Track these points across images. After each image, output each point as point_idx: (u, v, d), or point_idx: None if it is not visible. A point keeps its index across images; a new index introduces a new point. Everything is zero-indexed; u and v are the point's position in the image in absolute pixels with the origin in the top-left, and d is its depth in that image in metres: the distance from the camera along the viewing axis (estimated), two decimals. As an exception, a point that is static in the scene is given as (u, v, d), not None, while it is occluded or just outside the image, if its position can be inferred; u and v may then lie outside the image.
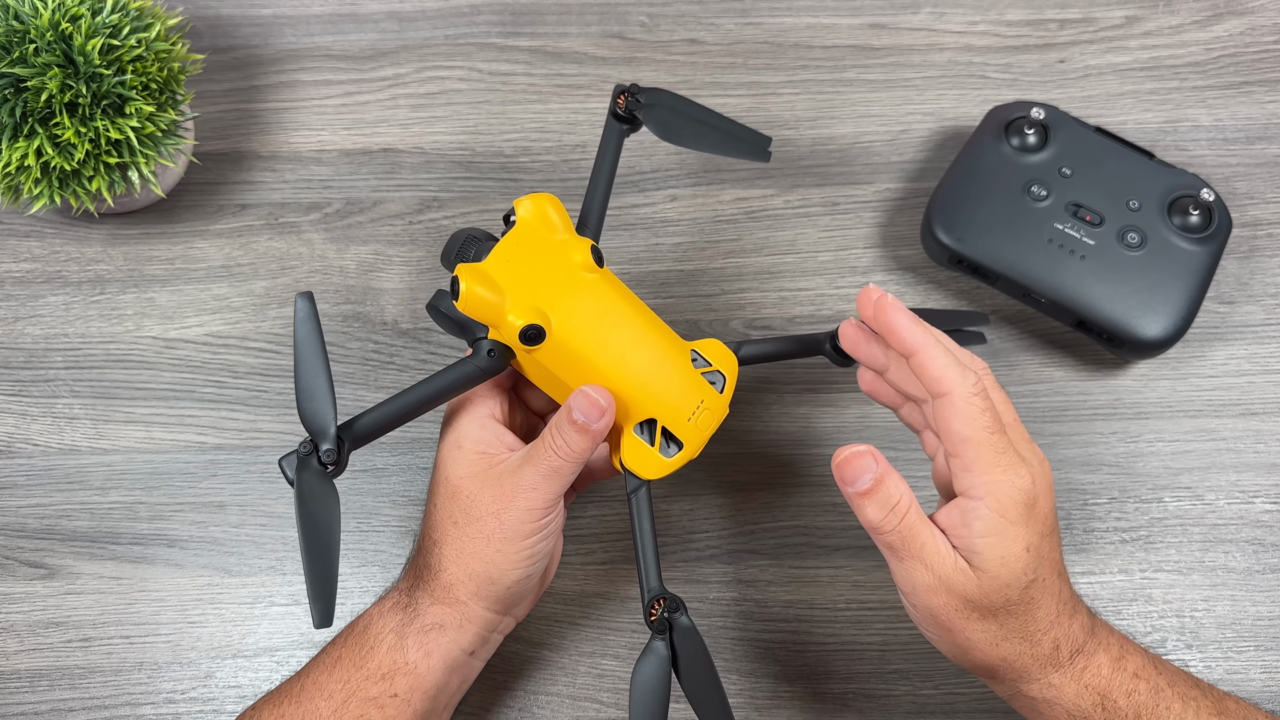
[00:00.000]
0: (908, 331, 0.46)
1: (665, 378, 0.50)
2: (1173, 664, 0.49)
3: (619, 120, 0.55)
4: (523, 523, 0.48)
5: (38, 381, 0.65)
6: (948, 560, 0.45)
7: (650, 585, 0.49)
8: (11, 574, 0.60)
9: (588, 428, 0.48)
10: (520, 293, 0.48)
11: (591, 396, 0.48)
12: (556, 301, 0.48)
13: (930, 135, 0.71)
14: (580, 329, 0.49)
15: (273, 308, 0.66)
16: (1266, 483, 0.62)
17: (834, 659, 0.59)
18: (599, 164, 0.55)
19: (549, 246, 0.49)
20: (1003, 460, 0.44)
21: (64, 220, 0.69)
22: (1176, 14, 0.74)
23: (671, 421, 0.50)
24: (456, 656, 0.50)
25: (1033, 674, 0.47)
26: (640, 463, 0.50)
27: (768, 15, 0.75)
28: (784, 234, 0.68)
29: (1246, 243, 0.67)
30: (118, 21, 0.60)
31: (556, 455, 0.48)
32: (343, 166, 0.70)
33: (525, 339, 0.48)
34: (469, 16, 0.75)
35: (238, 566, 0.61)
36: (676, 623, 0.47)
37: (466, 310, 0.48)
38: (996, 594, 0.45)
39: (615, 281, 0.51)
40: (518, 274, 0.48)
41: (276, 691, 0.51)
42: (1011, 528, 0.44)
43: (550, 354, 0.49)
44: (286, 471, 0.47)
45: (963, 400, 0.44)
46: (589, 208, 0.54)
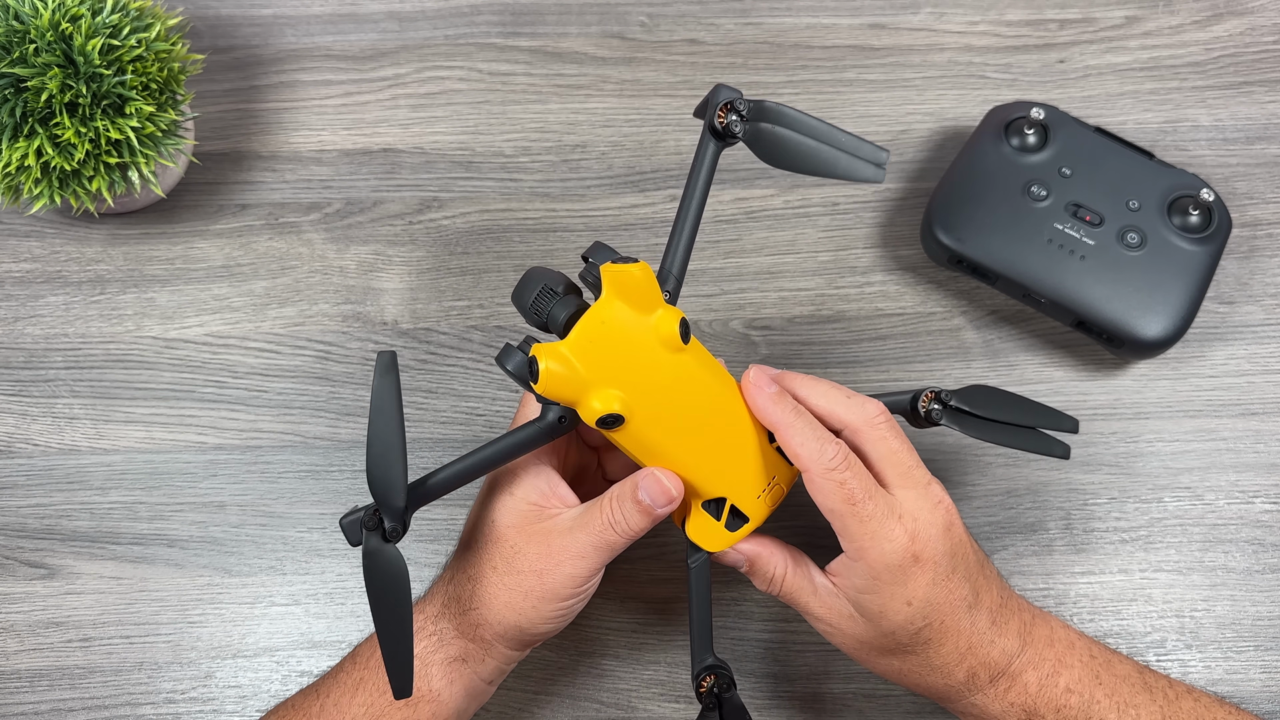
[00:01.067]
0: (766, 411, 0.48)
1: (741, 461, 0.49)
2: (1131, 667, 0.49)
3: (716, 136, 0.49)
4: (564, 586, 0.48)
5: (38, 381, 0.65)
6: (837, 609, 0.49)
7: (702, 656, 0.49)
8: (11, 574, 0.60)
9: (652, 511, 0.47)
10: (601, 378, 0.45)
11: (663, 484, 0.47)
12: (637, 387, 0.46)
13: (930, 135, 0.71)
14: (658, 417, 0.47)
15: (273, 308, 0.66)
16: (1266, 483, 0.62)
17: (834, 659, 0.59)
18: (688, 192, 0.49)
19: (633, 326, 0.46)
20: (869, 527, 0.46)
21: (64, 220, 0.69)
22: (1176, 14, 0.74)
23: (741, 501, 0.49)
24: (476, 685, 0.50)
25: (952, 698, 0.49)
26: (705, 536, 0.49)
27: (768, 15, 0.75)
28: (784, 234, 0.68)
29: (1246, 243, 0.67)
30: (118, 21, 0.60)
31: (613, 530, 0.47)
32: (343, 166, 0.70)
33: (603, 425, 0.46)
34: (469, 16, 0.75)
35: (238, 566, 0.61)
36: (727, 701, 0.48)
37: (544, 394, 0.45)
38: (885, 639, 0.47)
39: (700, 357, 0.48)
40: (599, 355, 0.45)
41: (293, 707, 0.50)
42: (886, 586, 0.46)
43: (627, 436, 0.47)
44: (349, 537, 0.45)
45: (820, 477, 0.46)
46: (672, 255, 0.49)
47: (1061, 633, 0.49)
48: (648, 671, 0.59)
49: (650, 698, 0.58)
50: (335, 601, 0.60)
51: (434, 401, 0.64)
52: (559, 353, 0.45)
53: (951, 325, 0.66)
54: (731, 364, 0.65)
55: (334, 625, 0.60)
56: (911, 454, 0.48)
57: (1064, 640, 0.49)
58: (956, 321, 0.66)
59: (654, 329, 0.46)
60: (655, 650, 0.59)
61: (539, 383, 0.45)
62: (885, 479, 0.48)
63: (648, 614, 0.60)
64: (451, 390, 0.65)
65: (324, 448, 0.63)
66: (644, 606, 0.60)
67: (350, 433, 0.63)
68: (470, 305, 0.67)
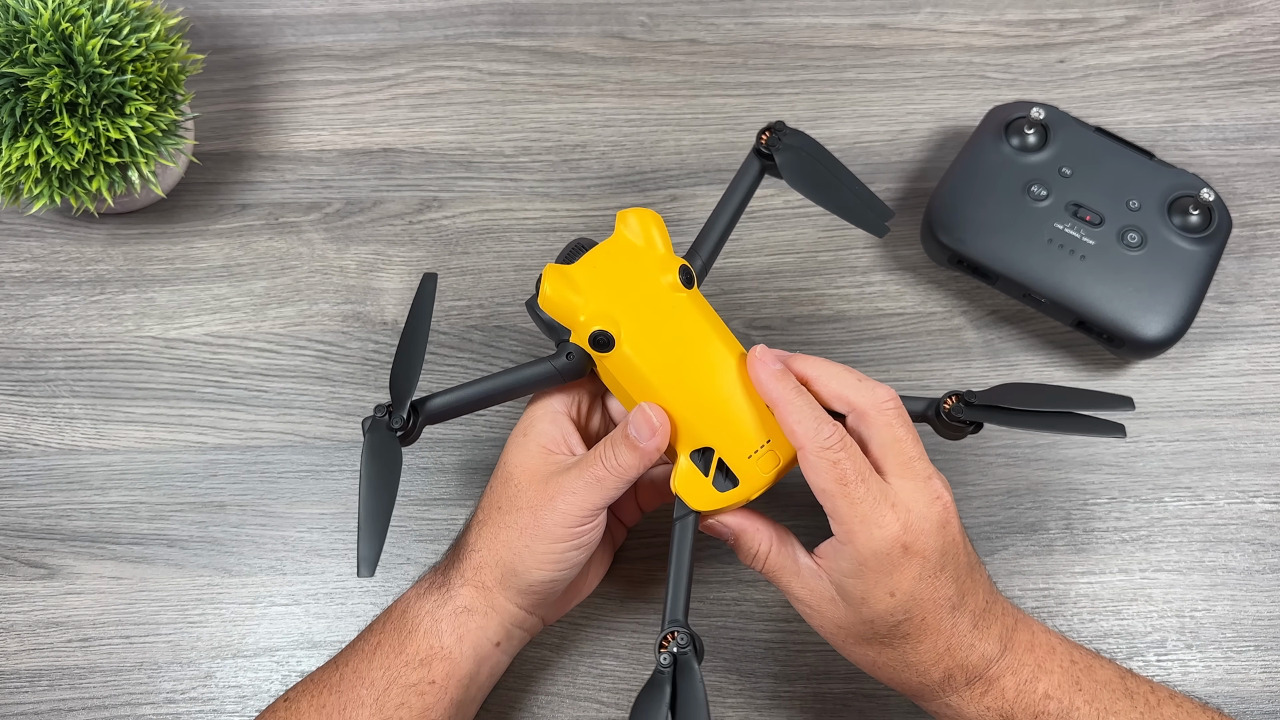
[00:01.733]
0: (767, 387, 0.48)
1: (730, 409, 0.49)
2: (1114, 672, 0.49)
3: (760, 157, 0.55)
4: (556, 525, 0.48)
5: (38, 381, 0.65)
6: (817, 590, 0.49)
7: (675, 615, 0.47)
8: (11, 574, 0.60)
9: (636, 445, 0.48)
10: (598, 299, 0.49)
11: (647, 414, 0.49)
12: (632, 313, 0.49)
13: (930, 135, 0.71)
14: (649, 344, 0.49)
15: (273, 308, 0.66)
16: (1266, 483, 0.62)
17: (834, 659, 0.59)
18: (728, 196, 0.54)
19: (639, 260, 0.50)
20: (859, 510, 0.45)
21: (64, 220, 0.69)
22: (1176, 14, 0.74)
23: (729, 455, 0.49)
24: (484, 646, 0.50)
25: (926, 697, 0.49)
26: (691, 491, 0.49)
27: (768, 15, 0.75)
28: (784, 234, 0.68)
29: (1246, 243, 0.67)
30: (118, 21, 0.60)
31: (603, 466, 0.48)
32: (343, 166, 0.70)
33: (594, 343, 0.49)
34: (469, 16, 0.75)
35: (238, 566, 0.61)
36: (682, 659, 0.45)
37: (545, 308, 0.50)
38: (864, 626, 0.47)
39: (703, 305, 0.51)
40: (601, 281, 0.50)
41: (313, 682, 0.51)
42: (871, 574, 0.46)
43: (618, 364, 0.49)
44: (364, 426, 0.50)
45: (813, 455, 0.46)
46: (704, 236, 0.54)
47: (1043, 638, 0.49)
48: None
49: (650, 698, 0.58)
50: (335, 601, 0.60)
51: (434, 401, 0.64)
52: (563, 272, 0.50)
53: (951, 325, 0.66)
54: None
55: (334, 625, 0.60)
56: (916, 444, 0.48)
57: (1045, 646, 0.49)
58: (956, 321, 0.66)
59: (657, 265, 0.50)
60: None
61: (539, 296, 0.49)
62: (885, 467, 0.47)
63: (648, 614, 0.60)
64: (451, 390, 0.65)
65: (324, 448, 0.63)
66: (644, 606, 0.60)
67: (350, 433, 0.63)
68: (470, 305, 0.67)
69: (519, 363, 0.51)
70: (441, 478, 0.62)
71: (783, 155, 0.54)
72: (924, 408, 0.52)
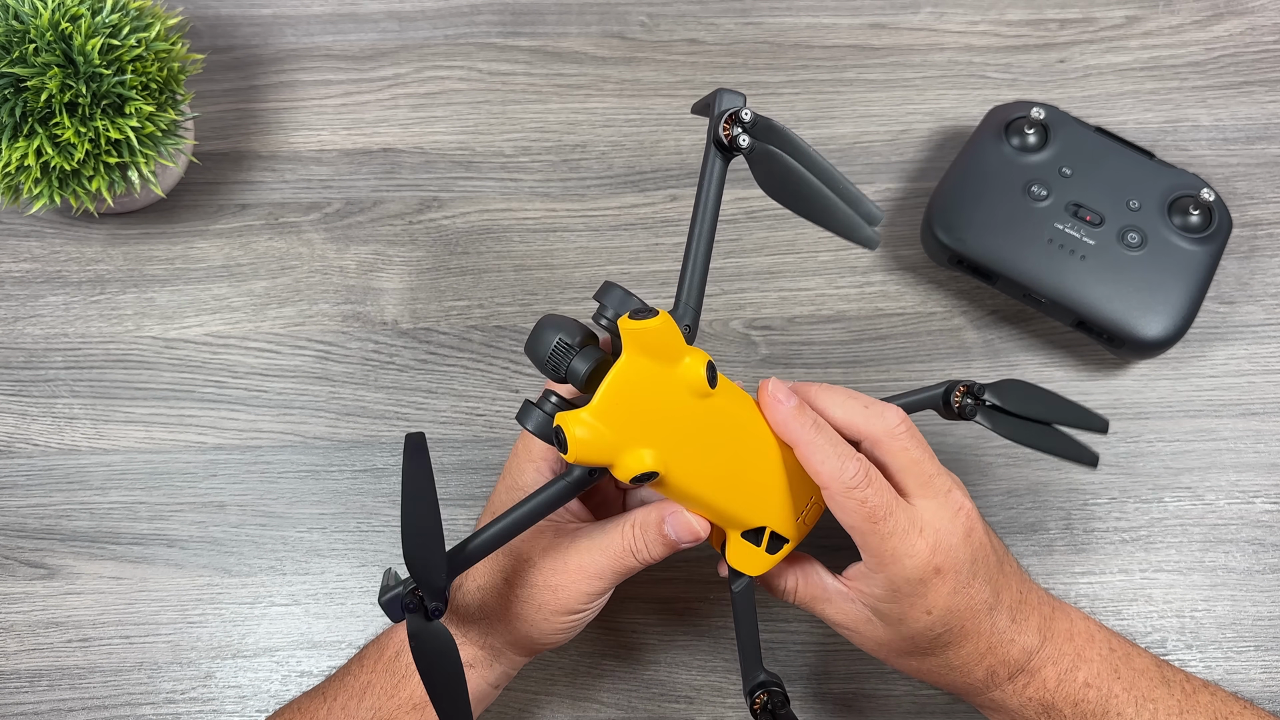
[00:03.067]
0: (785, 427, 0.46)
1: (778, 490, 0.48)
2: (1149, 661, 0.49)
3: (722, 149, 0.47)
4: (575, 599, 0.48)
5: (38, 381, 0.65)
6: (852, 614, 0.49)
7: (754, 674, 0.49)
8: (11, 574, 0.60)
9: (676, 545, 0.47)
10: (631, 439, 0.44)
11: (691, 525, 0.47)
12: (669, 443, 0.44)
13: (930, 135, 0.71)
14: (694, 466, 0.45)
15: (273, 308, 0.66)
16: (1266, 483, 0.62)
17: (834, 659, 0.59)
18: (699, 212, 0.46)
19: (659, 382, 0.44)
20: (890, 544, 0.45)
21: (64, 220, 0.69)
22: (1176, 14, 0.74)
23: (781, 526, 0.49)
24: (483, 690, 0.50)
25: (970, 694, 0.49)
26: (746, 562, 0.49)
27: (768, 15, 0.75)
28: (784, 234, 0.68)
29: (1246, 243, 0.67)
30: (118, 21, 0.60)
31: (633, 557, 0.47)
32: (343, 166, 0.70)
33: (637, 481, 0.44)
34: (469, 16, 0.75)
35: (238, 566, 0.61)
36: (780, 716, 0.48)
37: (575, 461, 0.43)
38: (904, 643, 0.48)
39: (731, 396, 0.47)
40: (627, 417, 0.43)
41: (300, 711, 0.50)
42: (906, 598, 0.46)
43: (662, 488, 0.46)
44: (390, 616, 0.44)
45: (840, 496, 0.45)
46: (689, 273, 0.47)
47: (1081, 625, 0.49)
48: (648, 671, 0.59)
49: (650, 698, 0.58)
50: (335, 601, 0.60)
51: (434, 401, 0.64)
52: (587, 421, 0.43)
53: (951, 325, 0.66)
54: (731, 364, 0.65)
55: (334, 625, 0.60)
56: (933, 462, 0.48)
57: (1084, 634, 0.49)
58: (956, 321, 0.66)
59: (681, 379, 0.44)
60: (655, 650, 0.59)
61: (569, 453, 0.43)
62: (905, 489, 0.47)
63: (648, 614, 0.60)
64: (451, 390, 0.64)
65: (324, 448, 0.63)
66: (645, 607, 0.60)
67: (350, 433, 0.63)
68: (470, 305, 0.66)
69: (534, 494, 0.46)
70: (441, 478, 0.62)
71: (754, 159, 0.46)
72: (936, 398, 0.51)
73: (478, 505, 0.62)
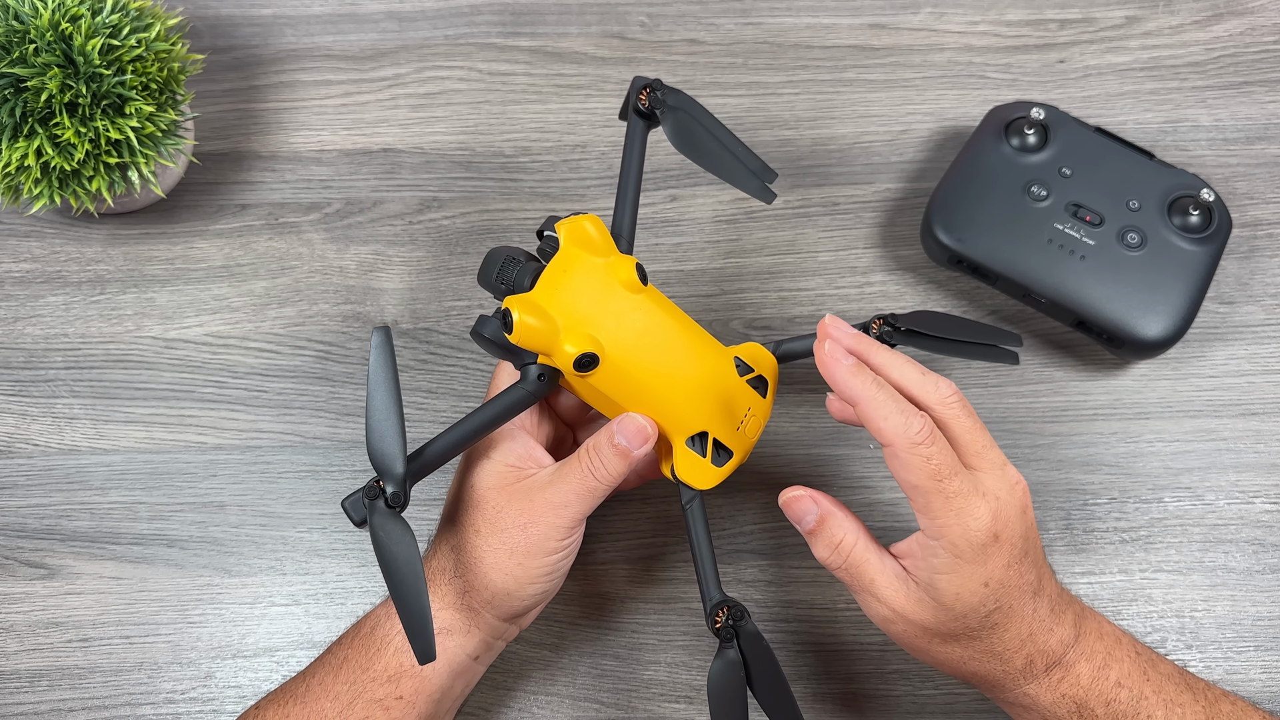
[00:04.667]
0: (846, 384, 0.46)
1: (714, 392, 0.50)
2: (1173, 667, 0.49)
3: (641, 116, 0.54)
4: (548, 539, 0.48)
5: (38, 381, 0.65)
6: (900, 592, 0.47)
7: (711, 593, 0.49)
8: (11, 574, 0.60)
9: (629, 453, 0.48)
10: (571, 320, 0.48)
11: (638, 424, 0.48)
12: (606, 326, 0.48)
13: (930, 135, 0.71)
14: (631, 353, 0.49)
15: (273, 308, 0.66)
16: (1266, 483, 0.62)
17: (834, 659, 0.59)
18: (626, 166, 0.54)
19: (594, 270, 0.49)
20: (954, 504, 0.45)
21: (64, 220, 0.69)
22: (1176, 14, 0.74)
23: (722, 433, 0.50)
24: (461, 661, 0.50)
25: (1006, 686, 0.48)
26: (694, 474, 0.50)
27: (768, 15, 0.75)
28: (784, 234, 0.68)
29: (1246, 243, 0.67)
30: (118, 21, 0.60)
31: (592, 476, 0.48)
32: (343, 166, 0.70)
33: (579, 366, 0.48)
34: (469, 16, 0.75)
35: (238, 566, 0.61)
36: (743, 629, 0.48)
37: (520, 342, 0.48)
38: (955, 623, 0.46)
39: (660, 298, 0.51)
40: (567, 301, 0.48)
41: (280, 691, 0.51)
42: (966, 566, 0.45)
43: (602, 378, 0.49)
44: (352, 514, 0.47)
45: (905, 452, 0.45)
46: (620, 216, 0.53)
47: (1109, 627, 0.49)
48: (648, 671, 0.59)
49: (650, 698, 0.58)
50: (335, 602, 0.60)
51: (434, 401, 0.64)
52: (530, 301, 0.48)
53: (951, 325, 0.66)
54: (731, 364, 0.65)
55: (334, 625, 0.60)
56: (985, 434, 0.47)
57: (1111, 635, 0.49)
58: (956, 321, 0.66)
59: (613, 271, 0.49)
60: (655, 650, 0.59)
61: (514, 332, 0.47)
62: (964, 459, 0.46)
63: (648, 614, 0.60)
64: (451, 390, 0.65)
65: (324, 448, 0.63)
66: (644, 607, 0.60)
67: (350, 433, 0.63)
68: (470, 305, 0.66)
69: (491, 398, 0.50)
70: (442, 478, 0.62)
71: (668, 119, 0.53)
72: None
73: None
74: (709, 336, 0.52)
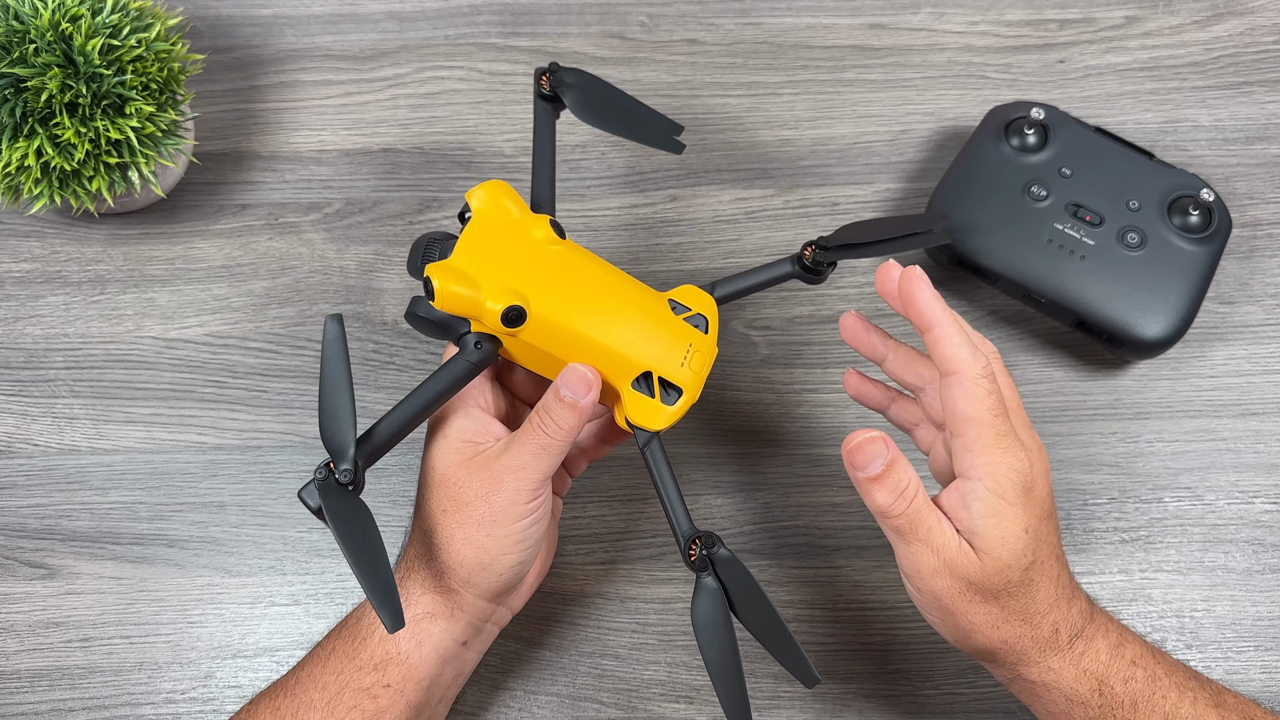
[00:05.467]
0: (928, 306, 0.47)
1: (650, 330, 0.50)
2: (1170, 655, 0.50)
3: (544, 100, 0.56)
4: (512, 504, 0.48)
5: (38, 381, 0.65)
6: (951, 543, 0.46)
7: (683, 528, 0.49)
8: (11, 574, 0.60)
9: (576, 404, 0.48)
10: (493, 278, 0.49)
11: (579, 372, 0.49)
12: (530, 279, 0.49)
13: (930, 135, 0.71)
14: (558, 301, 0.49)
15: (273, 308, 0.66)
16: (1266, 483, 0.62)
17: (834, 659, 0.59)
18: (538, 146, 0.56)
19: (511, 229, 0.50)
20: (1003, 443, 0.45)
21: (64, 220, 0.69)
22: (1176, 14, 0.74)
23: (666, 370, 0.50)
24: (449, 646, 0.50)
25: (1032, 657, 0.47)
26: (645, 416, 0.50)
27: (768, 15, 0.75)
28: (784, 234, 0.68)
29: (1246, 243, 0.67)
30: (118, 21, 0.60)
31: (545, 433, 0.48)
32: (343, 166, 0.70)
33: (507, 321, 0.48)
34: (469, 16, 0.75)
35: (238, 566, 0.61)
36: (717, 556, 0.47)
37: (444, 307, 0.49)
38: (998, 575, 0.45)
39: (581, 249, 0.52)
40: (486, 261, 0.49)
41: (272, 687, 0.51)
42: (1009, 509, 0.45)
43: (535, 332, 0.49)
44: (308, 502, 0.47)
45: (971, 380, 0.45)
46: (539, 189, 0.55)
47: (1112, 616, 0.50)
48: (648, 671, 0.59)
49: (650, 698, 0.58)
50: (335, 602, 0.60)
51: (434, 401, 0.64)
52: (449, 267, 0.49)
53: (951, 325, 0.66)
54: (731, 364, 0.65)
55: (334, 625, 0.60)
56: (1016, 397, 0.49)
57: (1116, 622, 0.50)
58: (956, 321, 0.66)
59: (528, 228, 0.50)
60: (655, 650, 0.59)
61: (437, 298, 0.48)
62: None
63: (648, 614, 0.60)
64: (451, 390, 0.64)
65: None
66: (644, 607, 0.60)
67: (350, 433, 0.63)
68: (470, 305, 0.66)
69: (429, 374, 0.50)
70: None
71: (569, 94, 0.56)
72: (787, 268, 0.55)
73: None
74: (637, 282, 0.52)
